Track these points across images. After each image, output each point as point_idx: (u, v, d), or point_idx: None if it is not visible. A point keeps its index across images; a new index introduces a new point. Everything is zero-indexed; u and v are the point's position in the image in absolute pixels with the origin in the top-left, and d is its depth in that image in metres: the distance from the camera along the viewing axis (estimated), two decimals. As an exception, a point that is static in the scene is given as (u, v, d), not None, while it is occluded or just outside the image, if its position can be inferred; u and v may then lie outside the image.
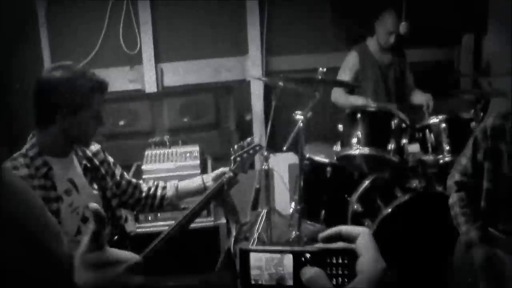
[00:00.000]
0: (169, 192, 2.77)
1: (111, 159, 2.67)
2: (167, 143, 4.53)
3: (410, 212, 3.64)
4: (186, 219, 2.57)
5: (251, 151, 2.80)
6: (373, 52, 4.71)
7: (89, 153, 2.51)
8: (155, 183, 2.81)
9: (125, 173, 2.73)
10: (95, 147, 2.58)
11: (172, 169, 4.14)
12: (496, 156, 2.42)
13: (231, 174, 2.69)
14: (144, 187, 2.77)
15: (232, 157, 2.78)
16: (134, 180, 2.74)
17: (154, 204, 2.74)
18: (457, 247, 2.66)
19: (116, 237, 2.48)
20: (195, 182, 2.76)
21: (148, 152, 4.33)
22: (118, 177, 2.65)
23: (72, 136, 2.30)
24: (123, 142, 4.91)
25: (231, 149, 2.83)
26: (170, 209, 2.83)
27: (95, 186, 2.46)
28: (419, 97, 4.75)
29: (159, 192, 2.76)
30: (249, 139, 2.85)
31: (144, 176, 4.04)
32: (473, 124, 3.93)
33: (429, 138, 3.97)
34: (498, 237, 2.41)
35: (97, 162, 2.52)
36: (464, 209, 2.57)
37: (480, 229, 2.48)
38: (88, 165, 2.47)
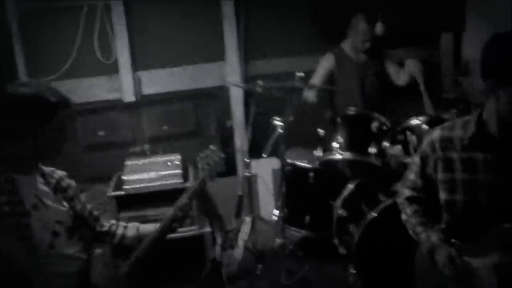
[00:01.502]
0: (130, 232, 2.70)
1: (75, 185, 2.62)
2: (147, 153, 4.49)
3: (395, 215, 3.61)
4: (164, 227, 2.57)
5: (217, 158, 2.80)
6: (349, 53, 4.71)
7: (56, 176, 2.48)
8: (117, 222, 2.76)
9: (88, 204, 2.68)
10: (61, 172, 2.54)
11: (154, 178, 4.10)
12: (449, 165, 2.44)
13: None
14: (105, 223, 2.71)
15: (199, 166, 2.78)
16: (96, 213, 2.69)
17: (112, 242, 2.69)
18: (417, 259, 2.67)
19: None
20: (156, 226, 2.71)
21: (128, 163, 4.28)
22: (83, 204, 2.61)
23: (37, 152, 2.27)
24: (103, 153, 4.87)
25: (196, 158, 2.83)
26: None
27: (65, 204, 2.42)
28: (406, 71, 4.65)
29: (119, 231, 2.70)
30: (212, 147, 2.84)
31: (125, 187, 4.00)
32: (457, 119, 3.89)
33: (410, 140, 3.93)
34: (460, 245, 2.41)
35: (64, 185, 2.49)
36: (420, 219, 2.60)
37: (439, 231, 2.50)
38: (57, 185, 2.44)
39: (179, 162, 4.24)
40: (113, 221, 2.75)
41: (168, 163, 4.24)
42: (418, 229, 2.59)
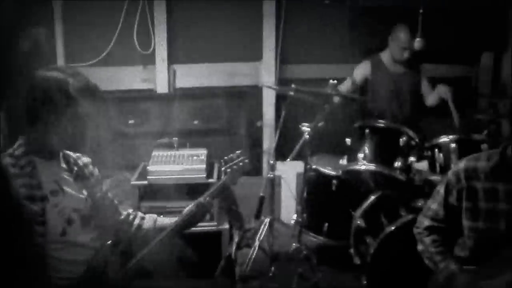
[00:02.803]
0: (147, 224, 2.72)
1: (98, 173, 2.65)
2: (175, 145, 4.52)
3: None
4: (184, 221, 2.60)
5: (240, 164, 2.82)
6: (386, 63, 4.68)
7: (80, 162, 2.51)
8: (135, 212, 2.78)
9: (109, 193, 2.70)
10: (86, 159, 2.57)
11: (177, 171, 4.13)
12: (472, 194, 2.54)
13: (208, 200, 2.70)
14: (123, 212, 2.74)
15: (222, 169, 2.81)
16: (115, 202, 2.72)
17: (128, 231, 2.70)
18: (431, 285, 2.70)
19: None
20: (173, 220, 2.72)
21: (155, 153, 4.31)
22: (103, 193, 2.64)
23: (60, 139, 2.29)
24: (132, 141, 4.91)
25: (221, 160, 2.86)
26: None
27: (84, 192, 2.45)
28: (436, 94, 4.62)
29: (136, 221, 2.71)
30: (238, 152, 2.87)
31: (149, 177, 4.04)
32: (484, 145, 3.86)
33: (438, 157, 3.90)
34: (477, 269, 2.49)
35: (87, 172, 2.52)
36: (439, 248, 2.67)
37: (458, 260, 2.60)
38: (80, 172, 2.47)
39: (204, 158, 4.25)
40: (131, 210, 2.79)
41: (194, 157, 4.26)
42: (437, 258, 2.65)
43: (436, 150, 3.91)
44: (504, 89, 4.77)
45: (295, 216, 4.14)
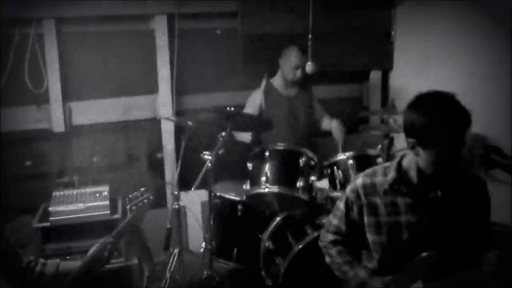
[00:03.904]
0: (49, 270, 2.64)
1: None
2: (76, 184, 4.44)
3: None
4: (89, 264, 2.54)
5: (145, 201, 2.83)
6: (278, 88, 4.80)
7: None
8: (36, 258, 2.70)
9: (10, 239, 2.61)
10: None
11: (80, 210, 4.05)
12: (373, 209, 2.60)
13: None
14: (24, 259, 2.65)
15: (127, 207, 2.80)
16: (16, 249, 2.63)
17: (30, 279, 2.62)
18: None
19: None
20: (77, 263, 2.67)
21: (55, 193, 4.22)
22: (3, 239, 2.55)
23: None
24: (31, 184, 4.75)
25: (126, 198, 2.86)
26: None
27: None
28: (328, 123, 4.83)
29: (38, 268, 2.64)
30: (142, 189, 2.87)
31: (51, 218, 3.94)
32: (379, 160, 4.04)
33: (337, 175, 4.04)
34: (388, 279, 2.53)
35: None
36: (345, 258, 2.73)
37: (366, 268, 2.66)
38: None
39: (107, 194, 4.20)
40: (32, 257, 2.69)
41: (97, 194, 4.20)
42: (345, 268, 2.70)
43: (335, 167, 4.05)
44: (393, 105, 5.00)
45: (204, 244, 4.14)
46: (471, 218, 2.55)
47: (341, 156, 4.04)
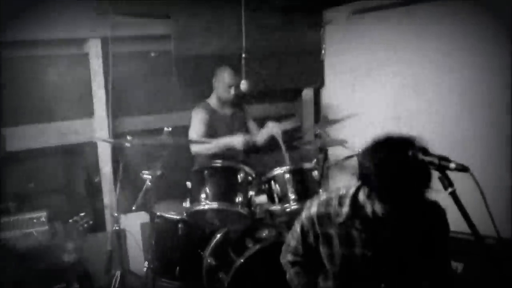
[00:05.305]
0: None
1: None
2: (12, 210, 4.37)
3: (262, 261, 3.76)
4: None
5: (85, 225, 2.86)
6: (214, 107, 4.87)
7: None
8: None
9: None
10: None
11: (19, 237, 4.00)
12: (327, 239, 2.58)
13: None
14: None
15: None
16: None
17: None
18: None
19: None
20: None
21: (-10, 221, 4.14)
22: None
23: None
24: (-37, 213, 4.64)
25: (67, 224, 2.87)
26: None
27: None
28: (262, 133, 4.85)
29: None
30: (81, 214, 2.90)
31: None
32: (315, 173, 4.16)
33: (275, 189, 4.13)
34: None
35: None
36: (303, 280, 2.76)
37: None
38: None
39: (45, 219, 4.16)
40: None
41: (34, 220, 4.16)
42: None
43: (273, 182, 4.14)
44: (325, 120, 5.16)
45: (146, 264, 4.14)
46: (429, 248, 2.50)
47: (277, 171, 4.12)
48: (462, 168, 2.06)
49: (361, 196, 2.41)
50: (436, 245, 2.53)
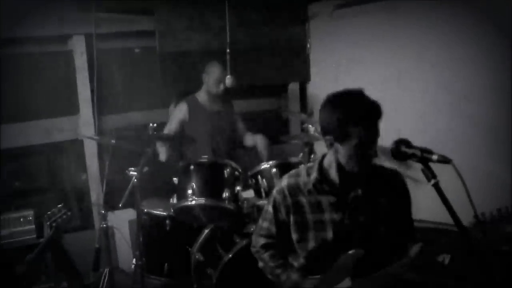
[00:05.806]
0: None
1: None
2: (-3, 210, 4.36)
3: (250, 256, 3.75)
4: None
5: (64, 216, 2.86)
6: (202, 102, 4.86)
7: None
8: None
9: None
10: None
11: (5, 236, 4.00)
12: (299, 208, 2.68)
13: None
14: None
15: (47, 223, 2.82)
16: None
17: None
18: None
19: None
20: None
21: (-23, 221, 4.13)
22: None
23: None
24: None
25: (45, 215, 2.87)
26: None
27: None
28: (251, 139, 4.92)
29: None
30: (60, 206, 2.90)
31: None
32: (301, 166, 4.16)
33: (261, 184, 4.13)
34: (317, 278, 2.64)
35: None
36: (278, 262, 2.81)
37: (298, 270, 2.72)
38: None
39: (32, 218, 4.16)
40: None
41: (21, 219, 4.15)
42: (277, 271, 2.77)
43: (259, 177, 4.15)
44: (311, 114, 5.18)
45: (134, 261, 4.14)
46: (394, 213, 2.64)
47: (264, 165, 4.14)
48: (444, 160, 2.12)
49: (326, 162, 2.64)
50: (399, 210, 2.68)
